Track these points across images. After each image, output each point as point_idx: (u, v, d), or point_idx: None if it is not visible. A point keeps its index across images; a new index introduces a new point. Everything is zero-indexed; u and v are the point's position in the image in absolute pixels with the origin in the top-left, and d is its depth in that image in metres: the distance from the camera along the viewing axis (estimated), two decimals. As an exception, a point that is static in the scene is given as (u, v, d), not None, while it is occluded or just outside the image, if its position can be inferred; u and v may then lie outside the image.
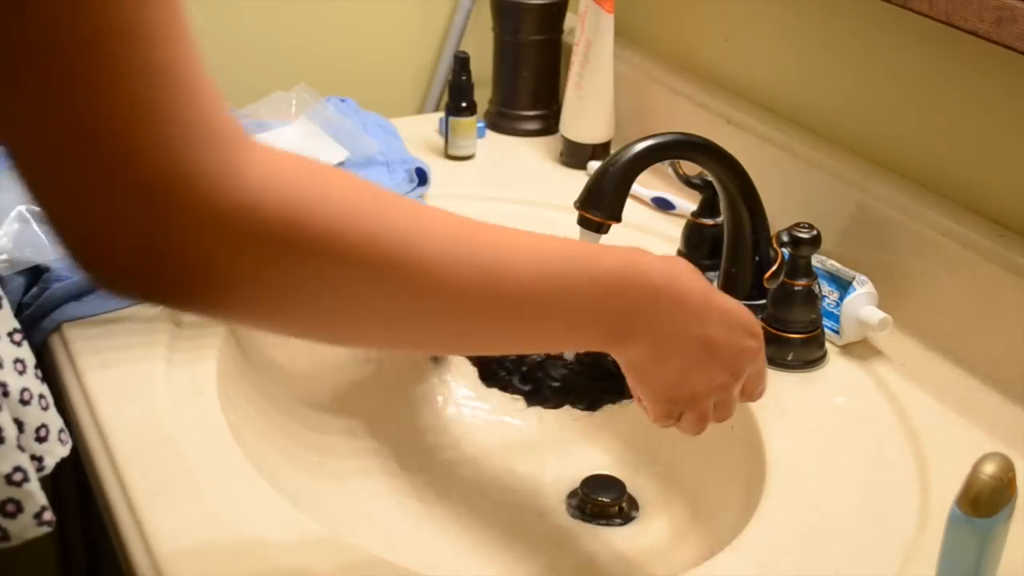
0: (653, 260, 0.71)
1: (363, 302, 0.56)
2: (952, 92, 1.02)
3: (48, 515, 0.82)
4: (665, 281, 0.70)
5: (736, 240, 1.04)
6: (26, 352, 0.84)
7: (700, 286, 0.73)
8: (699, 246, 1.10)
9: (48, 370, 1.00)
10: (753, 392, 0.81)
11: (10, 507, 0.80)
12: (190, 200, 0.47)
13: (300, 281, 0.53)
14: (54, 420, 0.85)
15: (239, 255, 0.50)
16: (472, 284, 0.59)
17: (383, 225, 0.55)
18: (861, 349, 1.04)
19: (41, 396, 0.84)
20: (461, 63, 1.37)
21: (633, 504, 1.02)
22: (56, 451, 0.85)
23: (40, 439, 0.83)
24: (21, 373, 0.83)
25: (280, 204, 0.50)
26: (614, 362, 0.73)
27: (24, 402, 0.82)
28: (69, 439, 0.86)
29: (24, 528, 0.81)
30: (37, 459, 0.83)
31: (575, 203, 0.93)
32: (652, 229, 1.21)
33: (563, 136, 1.36)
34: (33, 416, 0.83)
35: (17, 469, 0.80)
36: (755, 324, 0.77)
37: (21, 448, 0.81)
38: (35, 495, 0.81)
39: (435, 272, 0.57)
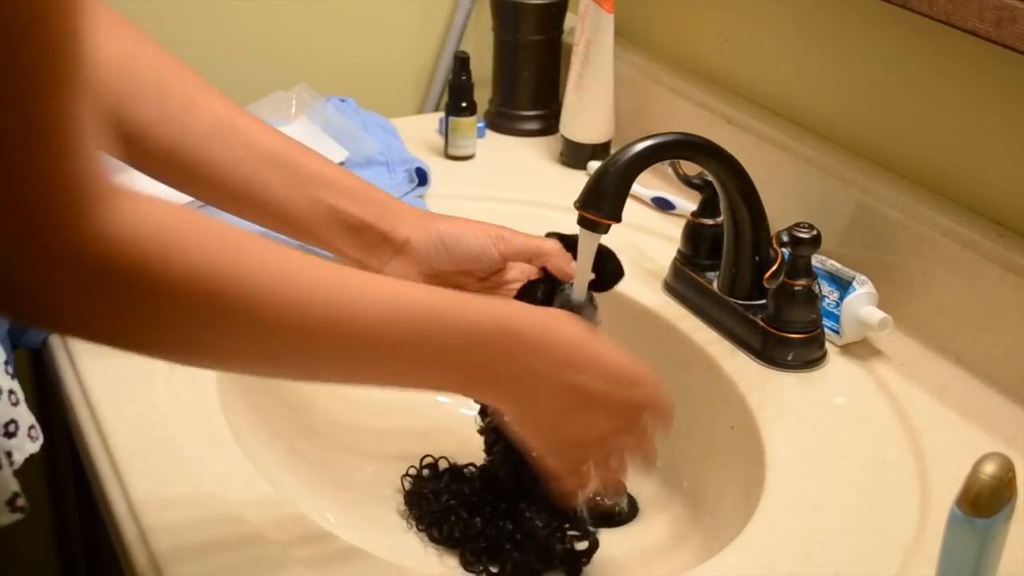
0: (524, 311, 0.74)
1: (209, 343, 0.61)
2: (952, 92, 1.02)
3: (21, 501, 0.82)
4: (530, 331, 0.72)
5: (736, 240, 1.04)
6: None
7: (573, 336, 0.74)
8: (699, 246, 1.10)
9: (48, 370, 1.00)
10: (635, 450, 0.81)
11: None
12: (37, 244, 0.52)
13: (146, 320, 0.57)
14: (24, 416, 0.85)
15: (80, 295, 0.54)
16: (323, 328, 0.63)
17: (236, 274, 0.59)
18: (861, 349, 1.04)
19: (11, 392, 0.84)
20: (461, 63, 1.37)
21: (633, 504, 1.02)
22: (26, 447, 0.85)
23: (9, 434, 0.83)
24: None
25: (132, 254, 0.54)
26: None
27: None
28: (40, 435, 0.86)
29: None
30: (6, 454, 0.83)
31: (575, 203, 0.93)
32: (652, 229, 1.21)
33: (563, 136, 1.36)
34: (1, 411, 0.83)
35: None
36: (639, 375, 0.78)
37: None
38: (8, 481, 0.81)
39: (284, 320, 0.62)
